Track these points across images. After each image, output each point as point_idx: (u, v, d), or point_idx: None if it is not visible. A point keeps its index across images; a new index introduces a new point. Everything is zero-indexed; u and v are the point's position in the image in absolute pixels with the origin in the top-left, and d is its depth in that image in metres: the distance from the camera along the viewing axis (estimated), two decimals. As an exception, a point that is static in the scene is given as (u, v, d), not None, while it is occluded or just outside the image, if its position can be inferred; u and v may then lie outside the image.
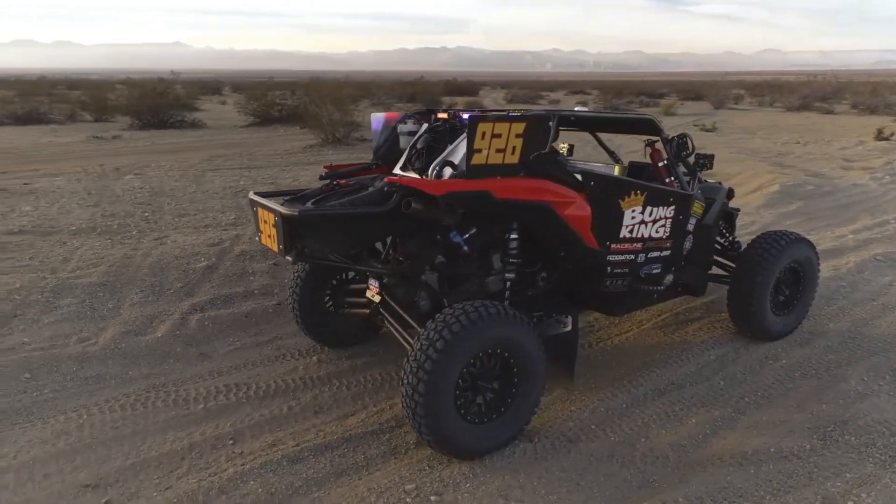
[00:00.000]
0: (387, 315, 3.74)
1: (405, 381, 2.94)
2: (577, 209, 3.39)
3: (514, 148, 3.18)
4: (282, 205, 3.21)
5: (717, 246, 4.72)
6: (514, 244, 3.46)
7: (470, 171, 3.14)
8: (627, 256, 3.73)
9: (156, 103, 20.92)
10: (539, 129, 3.30)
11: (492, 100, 39.44)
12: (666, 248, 3.92)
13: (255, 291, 5.18)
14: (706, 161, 4.23)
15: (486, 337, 2.99)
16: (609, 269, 3.68)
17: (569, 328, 3.58)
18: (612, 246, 3.63)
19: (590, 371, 4.08)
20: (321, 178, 3.82)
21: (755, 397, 3.71)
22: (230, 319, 4.76)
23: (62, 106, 24.36)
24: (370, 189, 3.34)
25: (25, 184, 9.79)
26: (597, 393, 3.78)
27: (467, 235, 3.41)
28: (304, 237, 3.11)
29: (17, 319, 4.53)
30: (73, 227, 6.95)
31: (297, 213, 2.98)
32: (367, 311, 3.91)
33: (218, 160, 12.65)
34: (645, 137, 4.04)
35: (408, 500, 2.83)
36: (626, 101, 35.73)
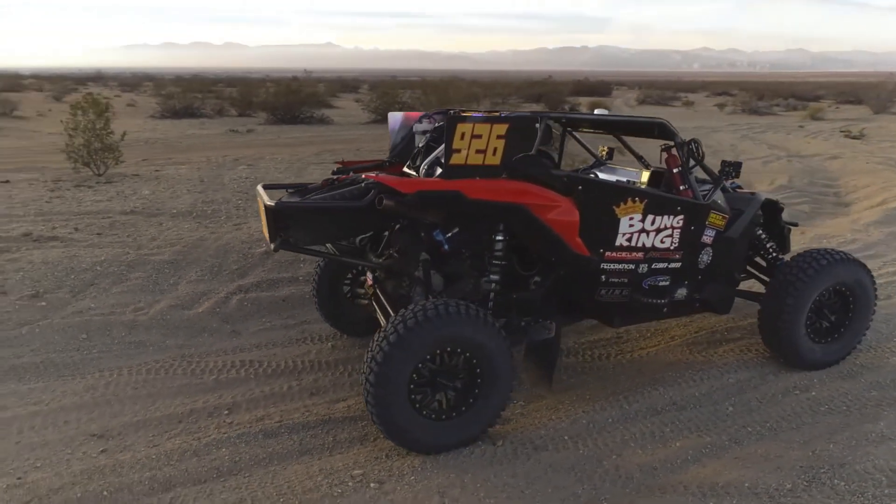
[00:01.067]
0: (377, 306, 3.87)
1: (363, 370, 3.06)
2: (562, 214, 3.31)
3: (495, 149, 3.18)
4: (282, 197, 3.44)
5: (760, 261, 4.35)
6: (499, 246, 3.44)
7: (447, 170, 3.19)
8: (626, 265, 3.57)
9: (290, 100, 22.53)
10: (523, 132, 3.26)
11: (623, 100, 38.20)
12: (674, 260, 3.69)
13: (300, 278, 5.52)
14: (731, 169, 3.92)
15: (443, 335, 3.02)
16: (604, 277, 3.55)
17: (552, 334, 3.51)
18: (607, 254, 3.50)
19: (593, 381, 3.95)
20: (332, 172, 4.02)
21: (760, 428, 3.40)
22: (268, 302, 5.12)
23: (214, 102, 26.93)
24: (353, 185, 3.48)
25: (156, 171, 11.02)
26: (587, 404, 3.66)
27: (449, 234, 3.44)
28: (288, 227, 3.31)
29: (92, 287, 5.19)
30: (174, 211, 7.75)
31: (275, 204, 3.19)
32: (366, 301, 4.06)
33: (325, 154, 13.41)
34: (662, 142, 3.83)
35: (350, 483, 2.95)
36: (769, 104, 33.03)
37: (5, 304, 4.79)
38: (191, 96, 25.83)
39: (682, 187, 3.70)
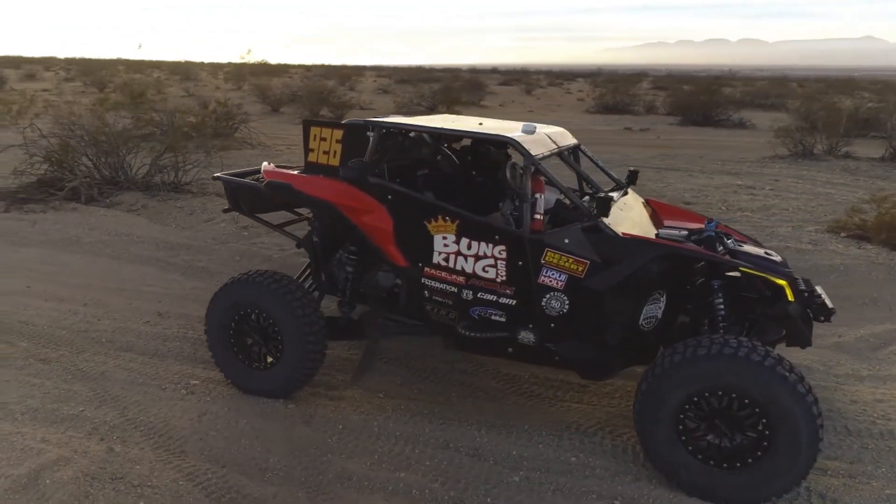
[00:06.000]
0: None
1: None
2: (375, 219, 3.41)
3: (335, 152, 3.56)
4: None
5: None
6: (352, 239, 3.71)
7: (305, 167, 3.73)
8: (448, 287, 3.34)
9: (705, 100, 21.49)
10: (355, 138, 3.50)
11: None
12: (505, 295, 3.22)
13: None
14: (600, 205, 3.01)
15: (233, 300, 3.61)
16: (427, 293, 3.42)
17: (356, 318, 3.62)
18: (426, 269, 3.37)
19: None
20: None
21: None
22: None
23: (647, 99, 27.53)
24: None
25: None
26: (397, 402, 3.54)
27: (318, 224, 3.89)
28: (236, 199, 4.27)
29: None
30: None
31: (216, 176, 4.25)
32: None
33: (667, 158, 12.89)
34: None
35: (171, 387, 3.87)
36: None
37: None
38: (622, 93, 27.00)
39: (533, 216, 3.17)
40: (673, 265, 3.13)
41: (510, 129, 3.65)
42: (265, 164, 3.99)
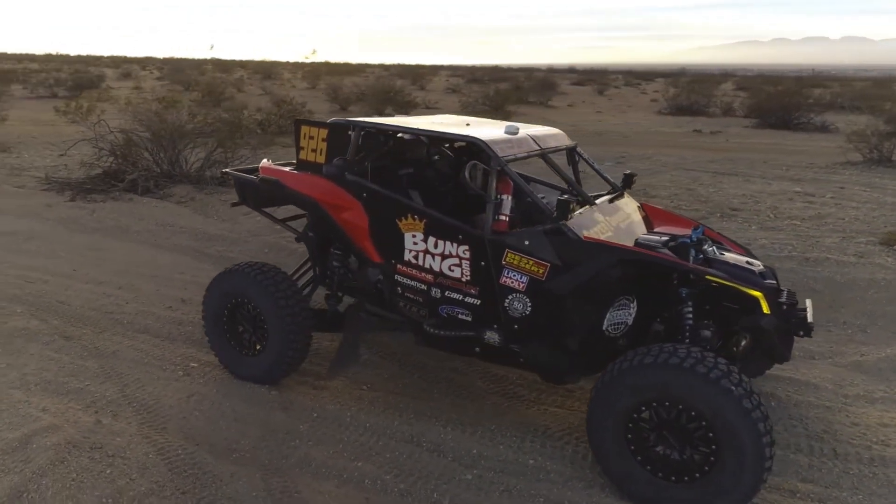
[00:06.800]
0: None
1: None
2: (352, 216, 3.52)
3: (321, 150, 3.70)
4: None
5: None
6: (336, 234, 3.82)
7: (297, 164, 3.89)
8: (418, 284, 3.40)
9: (786, 102, 20.39)
10: (338, 137, 3.62)
11: None
12: (471, 295, 3.23)
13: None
14: (559, 208, 2.95)
15: (224, 289, 3.80)
16: (399, 289, 3.49)
17: (352, 333, 3.71)
18: (398, 266, 3.45)
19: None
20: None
21: None
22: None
23: (725, 100, 26.32)
24: None
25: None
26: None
27: (310, 219, 4.03)
28: (243, 193, 4.48)
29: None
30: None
31: (225, 172, 4.47)
32: None
33: (727, 162, 12.36)
34: None
35: (173, 367, 4.11)
36: None
37: None
38: (698, 94, 25.95)
39: (497, 216, 3.17)
40: (641, 271, 3.06)
41: (496, 129, 3.66)
42: (264, 160, 4.17)
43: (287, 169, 3.91)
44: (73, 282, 5.61)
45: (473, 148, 3.55)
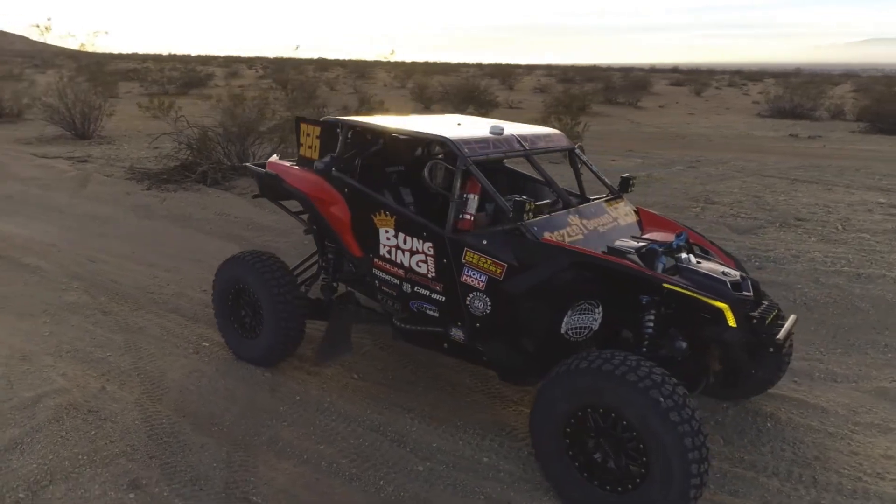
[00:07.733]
0: None
1: None
2: (337, 210, 3.67)
3: (315, 147, 3.89)
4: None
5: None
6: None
7: (298, 160, 4.10)
8: (391, 279, 3.49)
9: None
10: (328, 135, 3.78)
11: None
12: (436, 292, 3.28)
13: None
14: (515, 209, 2.91)
15: (228, 274, 4.05)
16: (377, 283, 3.60)
17: (342, 326, 3.86)
18: (375, 261, 3.56)
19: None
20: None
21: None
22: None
23: (834, 103, 24.43)
24: None
25: (612, 160, 12.33)
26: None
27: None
28: (261, 186, 4.74)
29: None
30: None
31: (245, 164, 4.75)
32: None
33: (812, 169, 11.54)
34: None
35: (194, 346, 4.43)
36: None
37: None
38: (804, 95, 24.20)
39: (463, 214, 3.19)
40: (605, 277, 3.00)
41: (478, 129, 3.69)
42: (273, 156, 4.41)
43: (288, 164, 4.12)
44: (129, 263, 6.13)
45: (444, 147, 3.60)
